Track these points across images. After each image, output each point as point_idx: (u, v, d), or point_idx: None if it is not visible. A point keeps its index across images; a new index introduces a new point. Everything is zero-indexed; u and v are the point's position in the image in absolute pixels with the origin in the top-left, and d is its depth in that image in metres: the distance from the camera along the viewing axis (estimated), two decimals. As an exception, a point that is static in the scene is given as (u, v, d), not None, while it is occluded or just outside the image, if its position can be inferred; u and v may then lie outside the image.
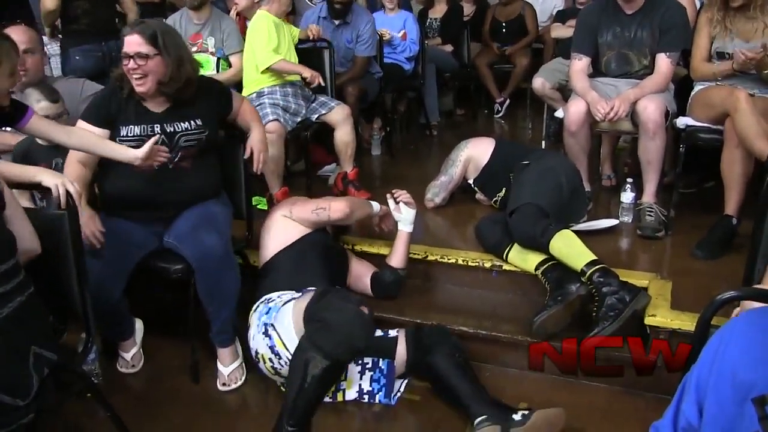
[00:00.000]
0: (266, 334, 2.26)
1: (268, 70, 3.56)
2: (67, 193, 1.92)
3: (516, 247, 2.67)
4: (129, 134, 2.40)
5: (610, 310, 2.31)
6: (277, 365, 2.26)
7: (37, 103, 2.53)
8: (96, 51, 3.91)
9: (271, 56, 3.52)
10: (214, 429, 2.30)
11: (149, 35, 2.33)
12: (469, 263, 2.79)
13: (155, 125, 2.41)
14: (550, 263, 2.56)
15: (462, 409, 2.19)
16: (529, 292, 2.67)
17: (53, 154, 2.56)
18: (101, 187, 2.55)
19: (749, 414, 0.97)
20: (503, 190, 3.13)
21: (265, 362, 2.30)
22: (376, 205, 2.77)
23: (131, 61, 2.32)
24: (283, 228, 2.59)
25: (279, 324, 2.23)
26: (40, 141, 2.55)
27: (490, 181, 3.24)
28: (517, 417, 2.09)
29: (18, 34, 2.75)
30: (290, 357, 2.16)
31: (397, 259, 2.71)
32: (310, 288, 2.28)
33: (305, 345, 2.02)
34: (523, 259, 2.65)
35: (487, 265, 2.76)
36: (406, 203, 2.72)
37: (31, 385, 1.65)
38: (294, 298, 2.27)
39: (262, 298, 2.40)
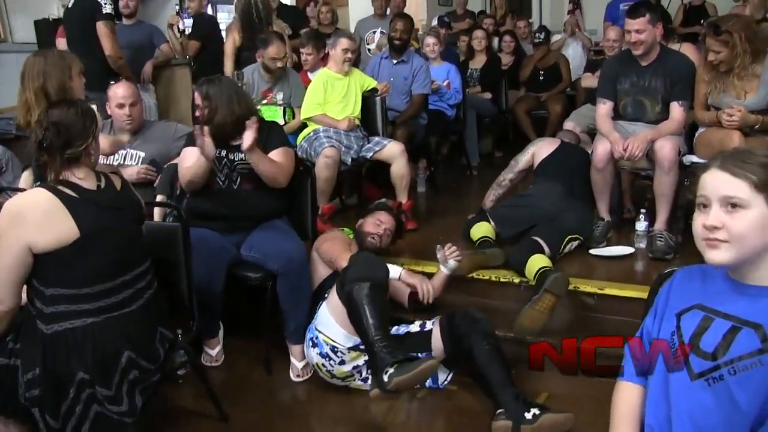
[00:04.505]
0: (314, 344, 2.70)
1: (311, 120, 4.09)
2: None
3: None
4: None
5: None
6: (329, 367, 2.69)
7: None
8: None
9: (312, 108, 4.10)
10: (285, 410, 2.72)
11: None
12: (501, 279, 3.24)
13: (222, 150, 2.87)
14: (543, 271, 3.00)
15: (491, 397, 2.47)
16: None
17: None
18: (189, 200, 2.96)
19: (672, 322, 1.48)
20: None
21: (321, 370, 2.74)
22: (394, 270, 2.79)
23: None
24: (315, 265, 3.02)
25: (320, 324, 2.67)
26: None
27: (543, 171, 3.78)
28: (528, 416, 2.33)
29: (123, 89, 3.37)
30: (339, 349, 2.60)
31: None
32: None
33: (345, 284, 2.51)
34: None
35: (516, 281, 3.19)
36: (456, 259, 3.02)
37: (159, 355, 2.16)
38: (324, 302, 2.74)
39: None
